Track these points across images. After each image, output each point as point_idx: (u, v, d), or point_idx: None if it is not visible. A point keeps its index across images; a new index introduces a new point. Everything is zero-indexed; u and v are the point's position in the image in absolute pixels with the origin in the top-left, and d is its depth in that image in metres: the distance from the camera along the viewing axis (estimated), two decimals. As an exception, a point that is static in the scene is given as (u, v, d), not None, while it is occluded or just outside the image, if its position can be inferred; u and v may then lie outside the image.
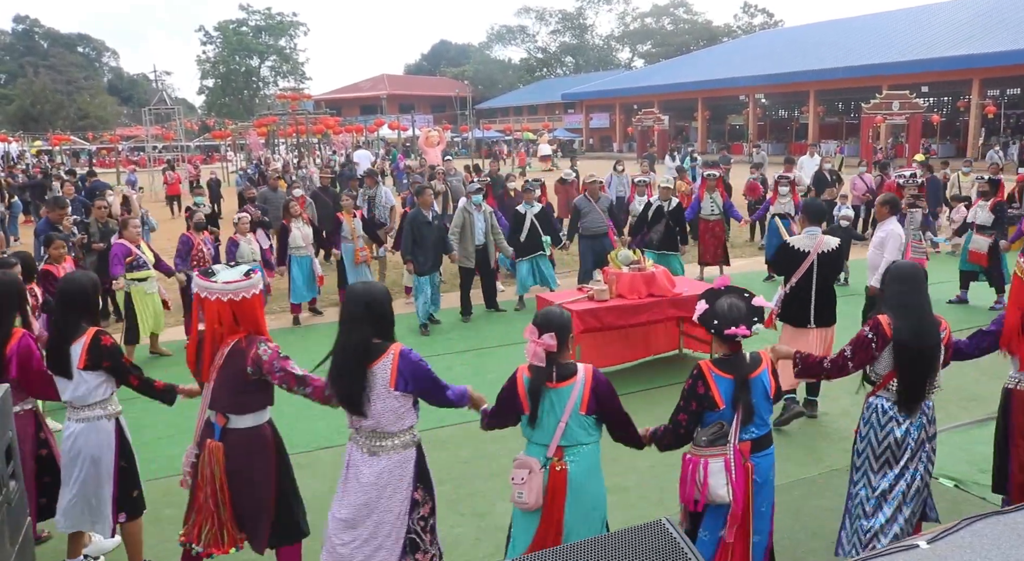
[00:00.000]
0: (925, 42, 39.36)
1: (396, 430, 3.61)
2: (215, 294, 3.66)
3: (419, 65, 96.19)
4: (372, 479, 3.61)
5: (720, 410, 3.57)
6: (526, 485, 3.54)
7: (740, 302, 3.67)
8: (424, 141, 25.98)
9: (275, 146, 37.58)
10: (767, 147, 39.76)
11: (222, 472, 3.71)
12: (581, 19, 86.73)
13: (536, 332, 3.54)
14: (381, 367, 3.52)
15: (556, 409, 3.52)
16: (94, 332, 4.13)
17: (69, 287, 4.21)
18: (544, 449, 3.57)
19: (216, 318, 3.68)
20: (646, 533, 2.18)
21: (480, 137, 51.60)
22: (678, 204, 11.07)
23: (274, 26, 78.87)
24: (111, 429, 4.24)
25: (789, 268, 6.64)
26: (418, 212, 9.84)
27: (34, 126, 61.04)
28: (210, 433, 3.78)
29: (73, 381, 4.12)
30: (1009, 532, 2.11)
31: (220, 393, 3.72)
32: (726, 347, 3.68)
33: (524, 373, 3.61)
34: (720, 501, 3.54)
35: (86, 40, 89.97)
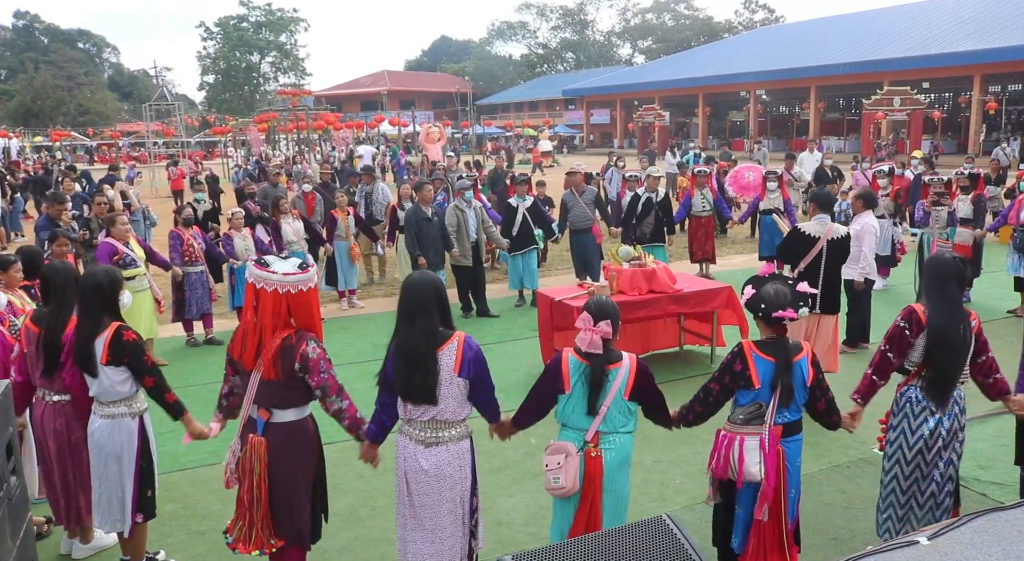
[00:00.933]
0: (926, 38, 39.29)
1: (456, 419, 3.63)
2: (273, 285, 3.57)
3: (420, 61, 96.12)
4: (433, 471, 3.60)
5: (756, 390, 3.67)
6: (562, 470, 3.60)
7: (785, 288, 3.80)
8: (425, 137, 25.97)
9: (275, 142, 37.58)
10: (768, 143, 39.75)
11: (263, 467, 3.65)
12: (582, 15, 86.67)
13: (591, 320, 3.63)
14: (447, 353, 3.55)
15: (601, 393, 3.63)
16: (116, 327, 4.11)
17: (88, 282, 4.20)
18: (581, 434, 3.67)
19: (272, 310, 3.59)
20: (647, 529, 2.18)
21: (481, 133, 51.57)
22: (666, 194, 11.16)
23: (275, 22, 78.79)
24: (134, 427, 4.22)
25: (798, 254, 6.86)
26: (417, 208, 9.80)
27: (34, 122, 61.04)
28: (252, 428, 3.73)
29: (98, 377, 4.11)
30: (1010, 528, 2.11)
31: (265, 389, 3.66)
32: (771, 330, 3.79)
33: (571, 354, 3.71)
34: (752, 479, 3.64)
35: (86, 36, 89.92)
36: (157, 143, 47.94)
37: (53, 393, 4.35)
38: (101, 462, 4.19)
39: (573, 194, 11.05)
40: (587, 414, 3.66)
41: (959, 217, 10.44)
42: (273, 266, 3.62)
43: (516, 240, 10.68)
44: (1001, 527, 2.12)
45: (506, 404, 3.89)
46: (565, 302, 7.44)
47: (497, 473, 5.65)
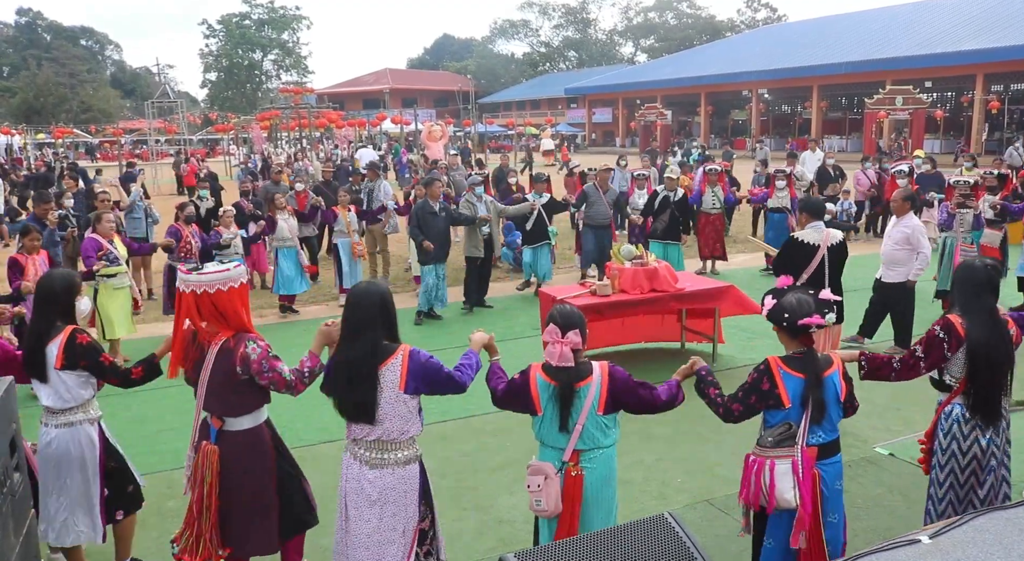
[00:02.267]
0: (929, 37, 39.24)
1: (402, 439, 3.47)
2: (191, 286, 3.52)
3: (422, 59, 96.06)
4: (377, 496, 3.46)
5: (786, 409, 3.45)
6: (543, 492, 3.42)
7: (807, 296, 3.59)
8: (427, 135, 25.95)
9: (278, 140, 37.56)
10: (770, 142, 39.72)
11: (214, 476, 3.55)
12: (584, 13, 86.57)
13: (559, 332, 3.44)
14: (390, 369, 3.40)
15: (573, 412, 3.43)
16: (71, 331, 4.00)
17: (44, 285, 4.14)
18: (559, 453, 3.48)
19: (195, 313, 3.53)
20: (649, 527, 2.18)
21: (483, 132, 51.54)
22: (683, 195, 11.35)
23: (277, 20, 78.72)
24: (94, 432, 4.10)
25: (799, 264, 6.58)
26: (425, 202, 9.94)
27: (37, 119, 61.01)
28: (206, 435, 3.64)
29: (50, 383, 3.98)
30: (1011, 527, 2.12)
31: (212, 395, 3.57)
32: (797, 343, 3.57)
33: (539, 374, 3.51)
34: (787, 506, 3.40)
35: (89, 33, 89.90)
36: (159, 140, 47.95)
37: None
38: (59, 475, 4.02)
39: (597, 189, 11.25)
40: (560, 432, 3.47)
41: (986, 218, 10.34)
42: (204, 267, 3.59)
43: (530, 234, 11.04)
44: (1002, 526, 2.12)
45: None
46: (567, 301, 7.44)
47: (498, 471, 5.66)
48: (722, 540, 4.62)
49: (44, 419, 4.07)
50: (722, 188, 12.54)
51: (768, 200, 12.37)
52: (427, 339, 9.17)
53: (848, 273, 7.05)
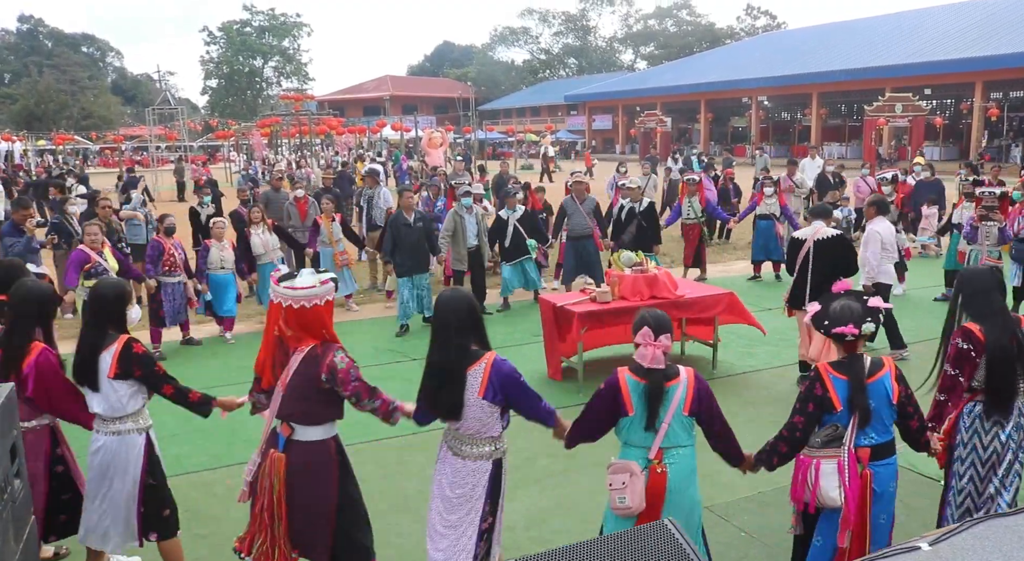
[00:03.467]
0: (928, 45, 39.33)
1: (479, 437, 3.68)
2: (280, 298, 3.58)
3: (422, 66, 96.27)
4: (450, 477, 3.72)
5: (838, 412, 3.56)
6: (628, 489, 3.53)
7: (855, 303, 3.67)
8: (427, 142, 26.02)
9: (278, 147, 37.63)
10: (770, 149, 39.77)
11: (281, 485, 3.58)
12: (584, 21, 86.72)
13: (651, 334, 3.59)
14: (473, 374, 3.59)
15: (661, 410, 3.58)
16: (125, 340, 4.01)
17: (96, 294, 4.13)
18: (644, 451, 3.60)
19: (284, 323, 3.59)
20: (649, 534, 2.18)
21: (483, 138, 51.61)
22: (650, 204, 10.98)
23: (277, 27, 78.89)
24: (141, 444, 4.11)
25: (794, 258, 7.50)
26: (399, 214, 9.76)
27: (38, 125, 61.11)
28: (274, 443, 3.66)
29: (102, 392, 4.00)
30: (1011, 535, 2.12)
31: (289, 401, 3.61)
32: (842, 349, 3.70)
33: (628, 374, 3.64)
34: (832, 504, 3.53)
35: (90, 40, 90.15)
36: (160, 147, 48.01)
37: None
38: (104, 482, 4.06)
39: (574, 201, 11.04)
40: (646, 431, 3.59)
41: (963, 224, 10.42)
42: (296, 281, 3.60)
43: (508, 251, 10.78)
44: (1002, 534, 2.12)
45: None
46: (567, 307, 7.46)
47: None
48: (722, 547, 4.62)
49: (96, 425, 4.11)
50: (700, 199, 12.44)
51: (756, 207, 12.40)
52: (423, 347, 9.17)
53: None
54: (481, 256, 10.56)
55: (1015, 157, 34.30)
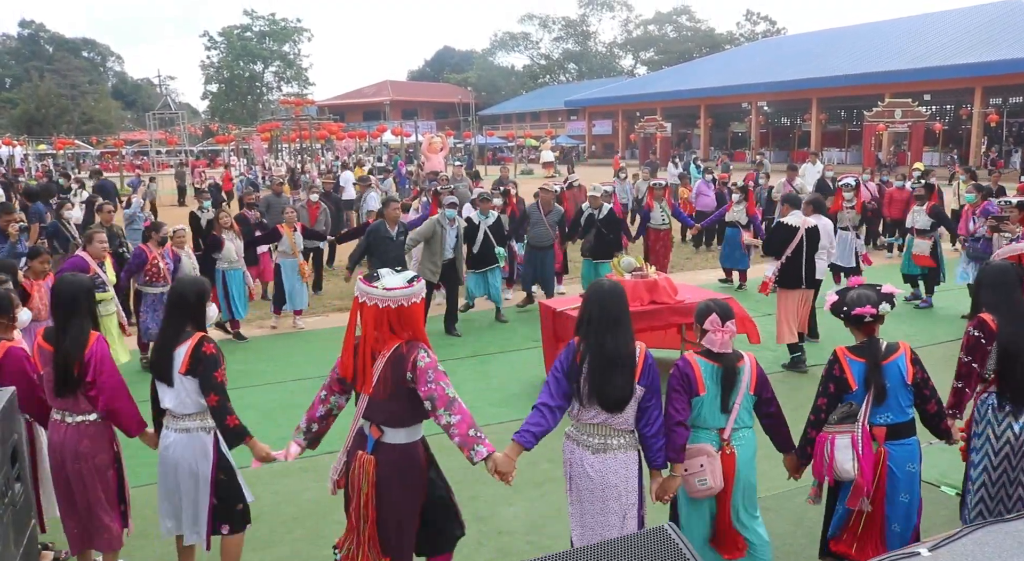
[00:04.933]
0: (927, 50, 39.41)
1: (627, 428, 3.72)
2: (374, 300, 3.55)
3: (422, 71, 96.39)
4: (598, 479, 3.69)
5: (853, 392, 3.84)
6: (707, 471, 3.72)
7: (870, 291, 3.98)
8: (427, 147, 26.04)
9: (278, 151, 37.65)
10: (770, 155, 39.80)
11: (371, 487, 3.60)
12: (584, 26, 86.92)
13: (719, 321, 3.81)
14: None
15: (733, 391, 3.81)
16: (199, 338, 4.02)
17: (176, 290, 4.16)
18: (715, 433, 3.83)
19: (374, 324, 3.57)
20: (649, 539, 2.18)
21: (483, 143, 51.68)
22: (610, 210, 10.70)
23: (278, 32, 79.00)
24: (209, 441, 4.10)
25: (784, 243, 8.06)
26: (381, 225, 9.33)
27: (38, 130, 61.19)
28: (361, 444, 3.68)
29: (174, 387, 4.01)
30: (1010, 540, 2.12)
31: (377, 403, 3.61)
32: (860, 333, 3.95)
33: (699, 357, 3.85)
34: (847, 476, 3.80)
35: (91, 45, 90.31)
36: (160, 152, 48.07)
37: (75, 413, 4.13)
38: (174, 477, 4.09)
39: (538, 210, 10.79)
40: (721, 412, 3.80)
41: (916, 228, 10.61)
42: (381, 281, 3.60)
43: (477, 258, 10.29)
44: (1002, 539, 2.13)
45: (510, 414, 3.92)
46: (567, 313, 7.46)
47: (498, 482, 5.63)
48: (722, 552, 4.61)
49: (166, 422, 4.12)
50: (668, 203, 12.26)
51: (725, 214, 12.33)
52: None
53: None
54: (456, 271, 9.92)
55: (1015, 163, 34.32)
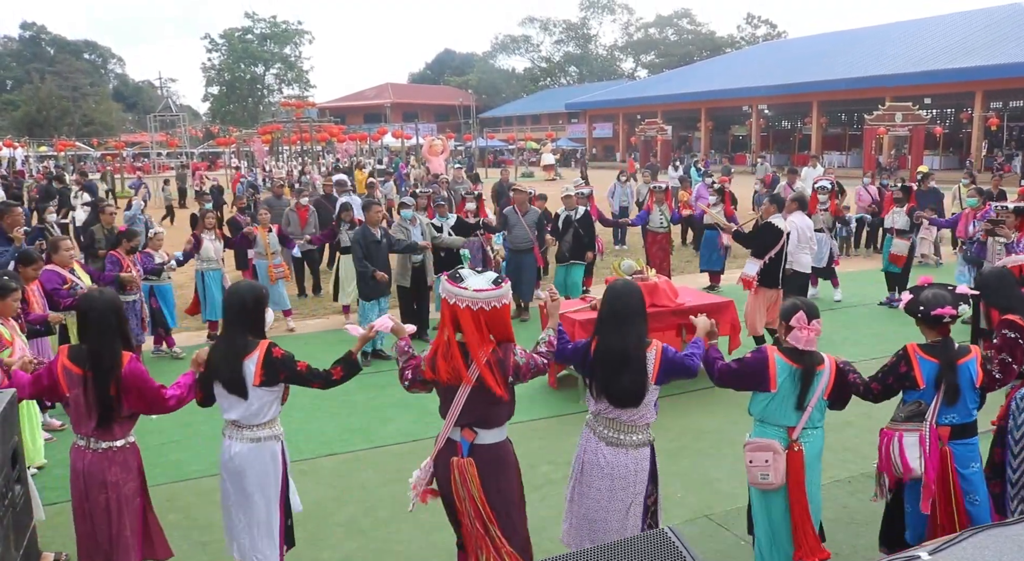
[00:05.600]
0: (928, 54, 39.42)
1: (641, 423, 3.79)
2: (466, 302, 3.56)
3: (423, 74, 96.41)
4: (608, 470, 3.79)
5: (920, 390, 3.86)
6: (771, 466, 3.80)
7: (943, 291, 3.98)
8: (428, 150, 26.07)
9: (279, 154, 37.67)
10: (770, 158, 39.82)
11: (479, 491, 3.59)
12: (585, 29, 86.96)
13: (806, 319, 3.81)
14: (648, 359, 3.75)
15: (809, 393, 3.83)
16: (267, 345, 3.88)
17: (232, 299, 3.97)
18: (784, 431, 3.86)
19: (473, 326, 3.58)
20: (649, 542, 2.18)
21: (484, 146, 51.70)
22: (585, 212, 10.65)
23: (279, 34, 79.16)
24: (278, 451, 3.97)
25: (770, 244, 8.28)
26: (365, 229, 8.96)
27: (39, 132, 61.26)
28: (453, 451, 3.66)
29: (248, 400, 3.85)
30: (1011, 544, 2.12)
31: (474, 406, 3.60)
32: (935, 332, 3.93)
33: (777, 355, 3.86)
34: (912, 473, 3.84)
35: (92, 47, 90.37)
36: (161, 154, 48.10)
37: (102, 440, 3.86)
38: (242, 491, 3.93)
39: (516, 213, 10.61)
40: (795, 410, 3.83)
41: (896, 228, 10.74)
42: (467, 282, 3.60)
43: (441, 262, 9.97)
44: (1002, 543, 2.12)
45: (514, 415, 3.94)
46: (568, 315, 7.46)
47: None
48: (721, 555, 4.62)
49: (228, 432, 3.95)
50: (668, 207, 12.14)
51: (704, 217, 12.30)
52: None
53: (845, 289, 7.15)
54: (425, 274, 9.66)
55: (1016, 167, 34.32)
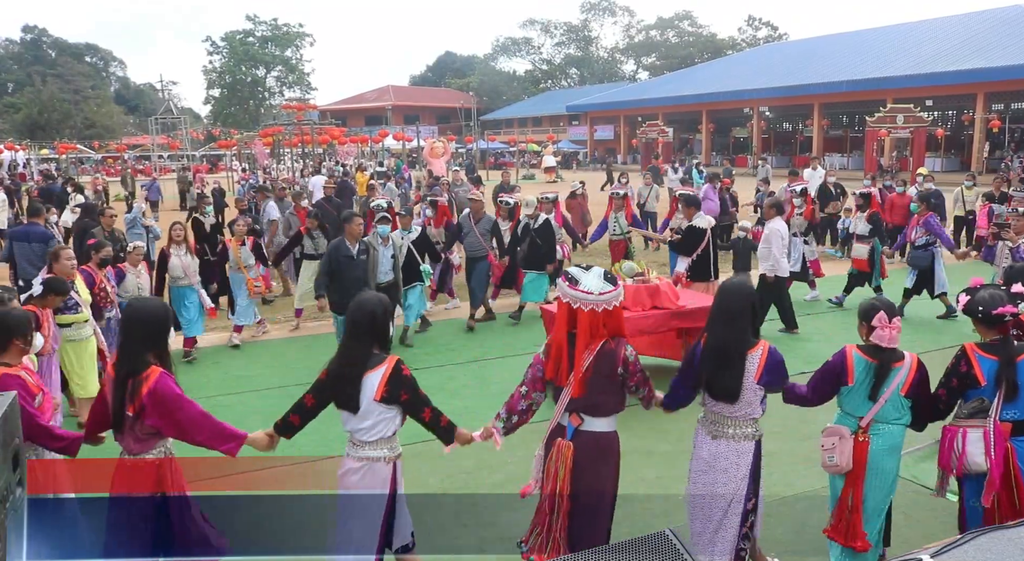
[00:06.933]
0: (929, 56, 39.38)
1: (745, 418, 3.96)
2: (590, 305, 3.73)
3: (424, 76, 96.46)
4: (710, 461, 3.97)
5: (982, 387, 3.98)
6: (836, 450, 4.01)
7: (998, 291, 4.13)
8: (429, 152, 26.09)
9: (280, 156, 37.67)
10: (772, 160, 39.79)
11: (567, 472, 3.75)
12: (586, 31, 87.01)
13: (887, 318, 3.97)
14: (751, 359, 3.90)
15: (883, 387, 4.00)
16: (395, 361, 3.81)
17: (362, 310, 3.88)
18: (855, 420, 4.06)
19: (589, 328, 3.74)
20: (650, 543, 2.18)
21: (485, 148, 51.71)
22: (545, 221, 10.45)
23: (280, 37, 79.20)
24: (388, 474, 3.87)
25: (695, 243, 9.32)
26: (340, 243, 8.46)
27: (41, 135, 61.31)
28: (560, 434, 3.83)
29: (360, 414, 3.77)
30: (1012, 547, 2.11)
31: (582, 394, 3.76)
32: (994, 331, 4.05)
33: (856, 352, 4.06)
34: (978, 469, 3.94)
35: (94, 50, 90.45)
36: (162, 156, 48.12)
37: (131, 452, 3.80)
38: (351, 507, 3.91)
39: (469, 220, 10.58)
40: (867, 400, 4.01)
41: (856, 233, 11.00)
42: (583, 283, 3.76)
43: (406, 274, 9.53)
44: (1004, 546, 2.12)
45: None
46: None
47: (498, 488, 5.65)
48: (723, 557, 4.60)
49: (347, 448, 3.92)
50: (627, 214, 11.85)
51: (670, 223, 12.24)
52: (427, 356, 9.17)
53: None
54: (397, 293, 9.04)
55: (1017, 169, 34.25)
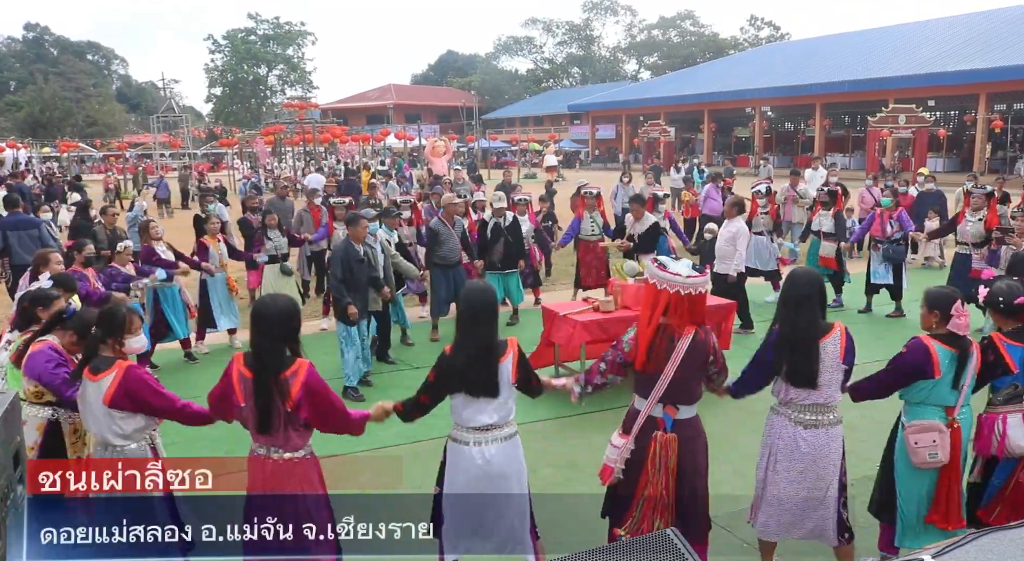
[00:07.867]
0: (932, 56, 39.35)
1: (833, 403, 4.05)
2: (676, 287, 3.78)
3: (426, 75, 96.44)
4: (810, 451, 4.03)
5: (1015, 374, 4.15)
6: (938, 446, 4.02)
7: (1013, 282, 4.31)
8: (430, 151, 26.12)
9: (282, 155, 37.71)
10: (773, 160, 39.80)
11: (675, 463, 3.85)
12: (588, 30, 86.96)
13: (962, 306, 4.03)
14: (832, 342, 3.96)
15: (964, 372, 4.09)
16: (517, 344, 4.03)
17: (480, 300, 3.99)
18: (941, 410, 4.10)
19: (676, 310, 3.81)
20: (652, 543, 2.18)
21: (486, 147, 51.72)
22: (514, 218, 10.35)
23: (282, 35, 79.20)
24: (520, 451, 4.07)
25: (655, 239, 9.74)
26: (349, 245, 7.89)
27: (43, 133, 61.35)
28: (654, 426, 3.87)
29: (499, 399, 3.92)
30: (1014, 548, 2.11)
31: (678, 384, 3.83)
32: (1014, 320, 4.23)
33: (937, 344, 4.08)
34: (1020, 452, 4.10)
35: (95, 48, 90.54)
36: (164, 154, 48.19)
37: (284, 450, 3.75)
38: (502, 490, 3.98)
39: (445, 224, 9.84)
40: (952, 390, 4.06)
41: (823, 231, 10.95)
42: (672, 268, 3.83)
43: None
44: (1005, 546, 2.12)
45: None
46: (570, 317, 7.48)
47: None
48: (723, 557, 4.60)
49: (476, 439, 3.96)
50: (601, 214, 11.40)
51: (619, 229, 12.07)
52: (428, 357, 9.16)
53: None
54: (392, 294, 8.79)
55: (1019, 170, 34.27)
